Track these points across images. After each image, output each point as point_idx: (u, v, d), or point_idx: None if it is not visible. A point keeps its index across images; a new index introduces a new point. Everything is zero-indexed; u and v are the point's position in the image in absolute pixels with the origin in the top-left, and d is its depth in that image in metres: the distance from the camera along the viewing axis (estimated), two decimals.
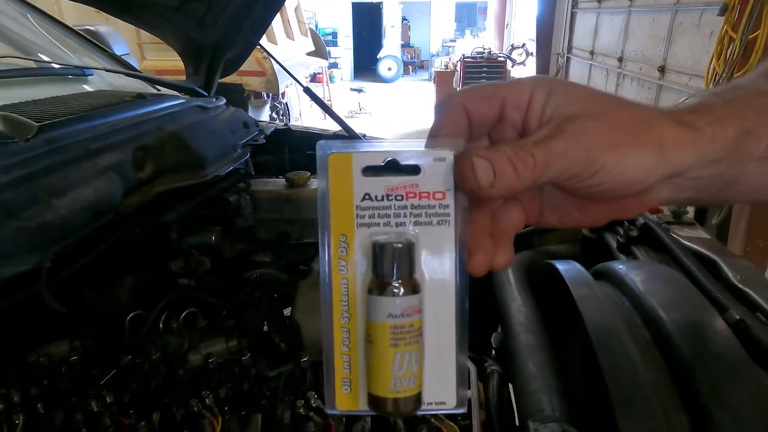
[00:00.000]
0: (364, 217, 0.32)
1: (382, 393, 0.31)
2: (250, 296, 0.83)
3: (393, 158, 0.32)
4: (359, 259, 0.32)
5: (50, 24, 1.44)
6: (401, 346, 0.31)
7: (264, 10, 1.37)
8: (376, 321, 0.31)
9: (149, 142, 0.79)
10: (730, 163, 0.35)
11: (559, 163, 0.32)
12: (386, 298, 0.31)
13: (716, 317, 0.56)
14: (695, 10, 4.18)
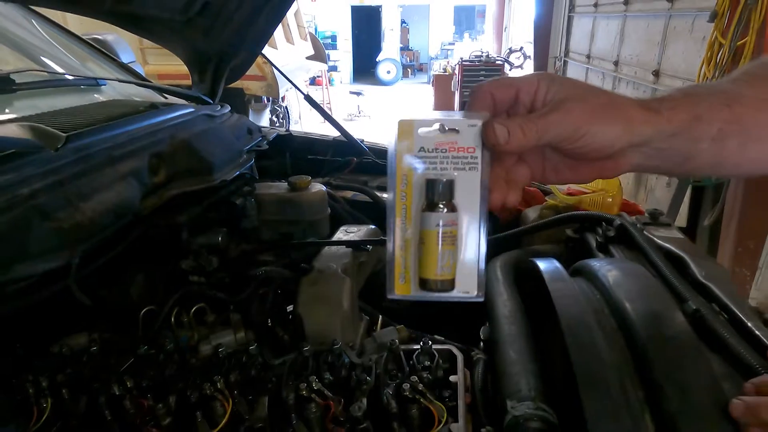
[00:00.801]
0: (420, 163, 0.48)
1: (431, 276, 0.48)
2: (256, 292, 0.89)
3: (441, 124, 0.48)
4: (415, 190, 0.48)
5: (61, 34, 1.51)
6: (444, 245, 0.47)
7: (266, 21, 1.44)
8: (428, 229, 0.47)
9: (163, 149, 0.86)
10: (686, 139, 0.48)
11: (554, 130, 0.46)
12: (435, 213, 0.47)
13: (674, 307, 0.62)
14: (688, 16, 4.26)
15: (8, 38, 1.33)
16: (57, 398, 0.72)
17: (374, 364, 0.71)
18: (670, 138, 0.48)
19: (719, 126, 0.47)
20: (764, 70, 0.52)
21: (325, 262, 0.89)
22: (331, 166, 1.51)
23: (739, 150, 0.49)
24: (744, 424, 0.47)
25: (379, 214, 1.23)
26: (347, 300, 0.83)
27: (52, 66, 1.33)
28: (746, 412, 0.48)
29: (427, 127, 0.49)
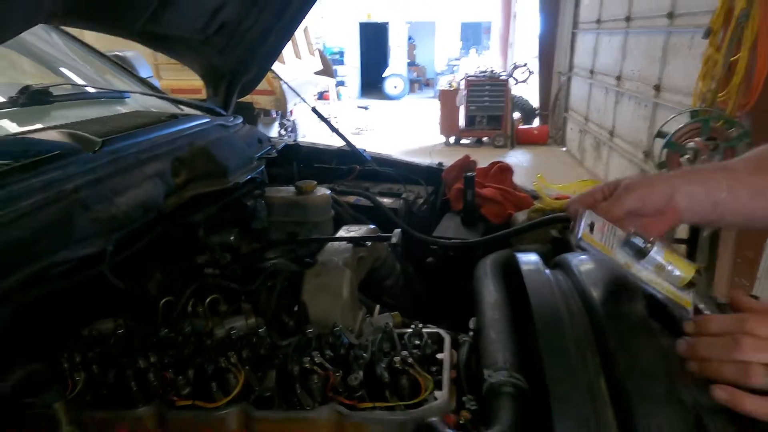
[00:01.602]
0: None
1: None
2: (265, 283, 0.98)
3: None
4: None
5: (84, 50, 1.63)
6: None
7: (276, 39, 1.56)
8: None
9: (183, 154, 0.96)
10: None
11: (624, 204, 0.68)
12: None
13: (633, 291, 0.71)
14: (687, 33, 4.37)
15: (33, 52, 1.45)
16: (88, 373, 0.81)
17: (370, 344, 0.80)
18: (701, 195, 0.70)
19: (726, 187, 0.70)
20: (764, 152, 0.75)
21: (327, 256, 0.98)
22: (335, 173, 1.61)
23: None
24: (686, 361, 0.56)
25: (379, 217, 1.33)
26: (347, 289, 0.92)
27: (78, 80, 1.44)
28: (687, 349, 0.56)
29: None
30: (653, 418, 0.53)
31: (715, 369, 0.54)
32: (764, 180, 0.71)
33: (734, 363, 0.53)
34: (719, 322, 0.57)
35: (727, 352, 0.54)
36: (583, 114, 7.54)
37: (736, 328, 0.54)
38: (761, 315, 0.55)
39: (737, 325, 0.55)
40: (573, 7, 8.00)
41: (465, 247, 1.25)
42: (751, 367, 0.52)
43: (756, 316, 0.55)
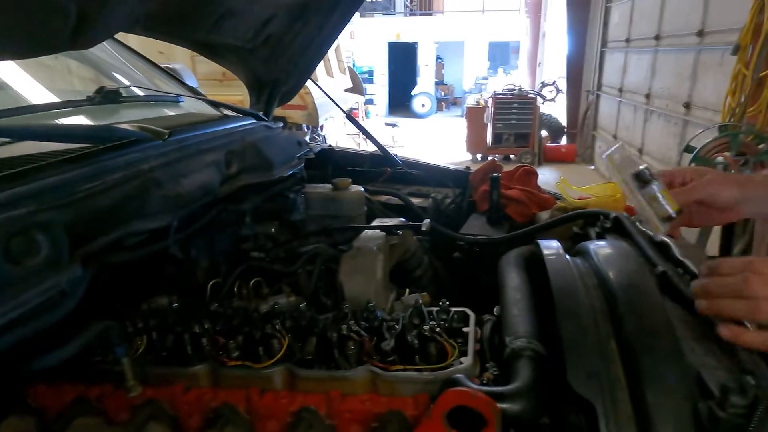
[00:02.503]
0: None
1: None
2: (305, 266, 1.08)
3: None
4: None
5: (140, 61, 1.78)
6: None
7: (315, 52, 1.68)
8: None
9: (235, 147, 1.07)
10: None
11: (696, 194, 0.83)
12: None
13: (644, 268, 0.77)
14: (718, 50, 4.37)
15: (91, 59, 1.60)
16: (149, 338, 0.91)
17: (401, 317, 0.88)
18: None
19: None
20: None
21: (362, 242, 1.07)
22: (368, 176, 1.71)
23: None
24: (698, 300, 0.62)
25: (409, 215, 1.41)
26: (380, 271, 1.00)
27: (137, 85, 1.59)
28: (700, 289, 0.62)
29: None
30: (657, 369, 0.59)
31: (726, 306, 0.59)
32: None
33: (744, 299, 0.58)
34: (729, 264, 0.63)
35: (737, 290, 0.58)
36: (612, 132, 7.52)
37: (744, 268, 0.60)
38: (765, 259, 0.60)
39: (745, 266, 0.60)
40: (602, 27, 8.03)
41: (490, 244, 1.32)
42: (760, 303, 0.57)
43: (762, 258, 0.60)
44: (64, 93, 1.46)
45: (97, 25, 0.70)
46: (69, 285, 0.68)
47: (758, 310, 0.56)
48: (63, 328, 0.75)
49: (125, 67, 1.69)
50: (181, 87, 1.75)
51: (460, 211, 1.56)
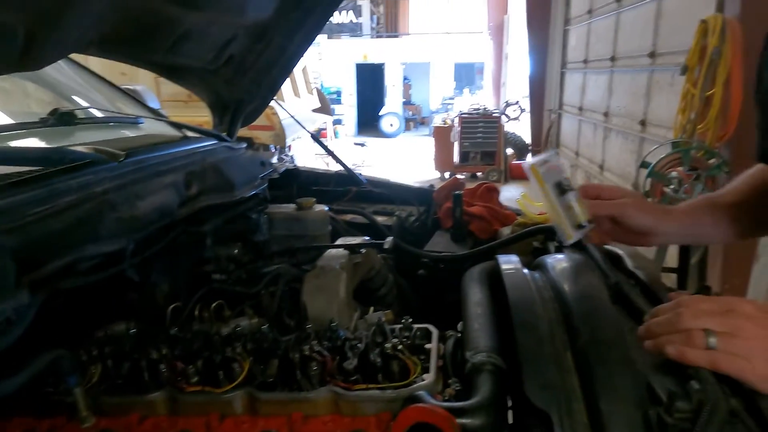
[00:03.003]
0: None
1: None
2: (268, 287, 1.07)
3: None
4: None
5: (99, 83, 1.76)
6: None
7: (279, 73, 1.69)
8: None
9: (195, 168, 1.06)
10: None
11: (607, 210, 0.88)
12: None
13: (597, 280, 0.80)
14: (668, 71, 4.58)
15: (49, 82, 1.57)
16: (104, 365, 0.88)
17: (364, 335, 0.88)
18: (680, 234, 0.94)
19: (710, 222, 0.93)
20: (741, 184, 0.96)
21: (325, 261, 1.06)
22: (333, 195, 1.71)
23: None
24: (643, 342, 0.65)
25: (373, 234, 1.42)
26: (343, 290, 1.00)
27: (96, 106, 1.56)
28: (645, 331, 0.65)
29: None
30: (610, 378, 0.61)
31: (665, 341, 0.63)
32: (738, 210, 0.93)
33: (679, 332, 0.62)
34: (665, 306, 0.68)
35: (672, 326, 0.63)
36: (574, 149, 7.74)
37: (676, 305, 0.65)
38: (694, 296, 0.66)
39: (677, 303, 0.65)
40: (561, 49, 8.34)
41: (454, 260, 1.34)
42: (692, 333, 0.61)
43: (690, 296, 0.66)
44: (20, 116, 1.43)
45: (46, 46, 0.69)
46: (15, 312, 0.65)
47: (691, 340, 0.60)
48: (10, 358, 0.72)
49: (84, 89, 1.66)
50: (141, 108, 1.73)
51: (425, 229, 1.58)
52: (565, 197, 0.88)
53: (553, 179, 0.89)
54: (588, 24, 7.03)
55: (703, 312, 0.62)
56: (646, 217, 0.88)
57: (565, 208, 0.87)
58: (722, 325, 0.60)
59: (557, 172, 0.90)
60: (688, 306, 0.63)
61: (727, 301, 0.63)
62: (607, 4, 6.19)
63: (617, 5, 5.86)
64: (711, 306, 0.63)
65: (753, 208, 0.93)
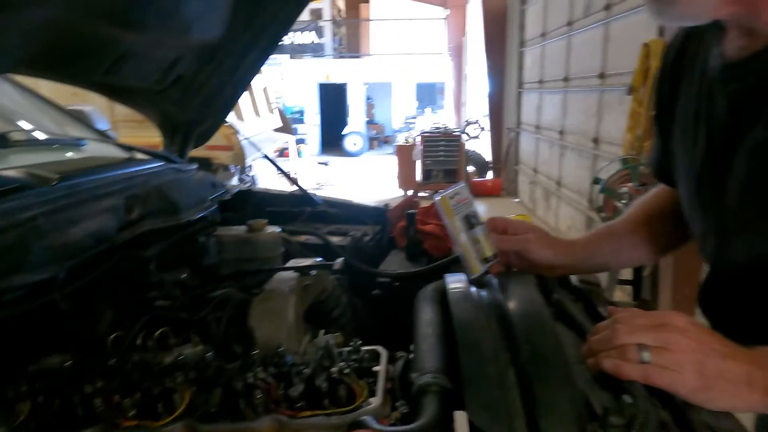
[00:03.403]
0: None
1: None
2: (214, 313, 1.03)
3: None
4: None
5: (41, 103, 1.69)
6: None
7: (231, 92, 1.67)
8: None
9: (137, 192, 1.02)
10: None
11: (511, 246, 0.94)
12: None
13: (539, 298, 0.81)
14: (617, 91, 4.79)
15: None
16: (34, 402, 0.83)
17: (311, 360, 0.86)
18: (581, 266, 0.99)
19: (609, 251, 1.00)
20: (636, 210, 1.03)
21: (274, 284, 1.04)
22: (287, 216, 1.69)
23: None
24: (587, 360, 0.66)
25: (328, 254, 1.40)
26: (292, 314, 0.98)
27: (36, 128, 1.50)
28: (585, 349, 0.66)
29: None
30: (549, 395, 0.61)
31: (603, 358, 0.64)
32: (635, 238, 1.00)
33: (615, 348, 0.63)
34: (603, 324, 0.69)
35: (609, 342, 0.65)
36: (533, 166, 7.96)
37: (613, 321, 0.66)
38: (629, 311, 0.67)
39: (614, 320, 0.67)
40: (517, 70, 8.61)
41: (408, 279, 1.33)
42: (627, 348, 0.62)
43: (625, 311, 0.68)
44: None
45: None
46: None
47: (626, 355, 0.62)
48: None
49: (25, 110, 1.59)
50: (87, 130, 1.67)
51: (380, 248, 1.57)
52: (473, 231, 0.91)
53: (462, 212, 0.92)
54: (542, 46, 7.30)
55: (637, 327, 0.63)
56: (547, 252, 0.93)
57: (472, 242, 0.90)
58: (655, 340, 0.62)
59: (467, 205, 0.93)
60: (623, 322, 0.65)
61: (661, 316, 0.65)
62: (559, 27, 6.46)
63: (568, 29, 6.11)
64: (645, 321, 0.64)
65: (648, 233, 0.99)
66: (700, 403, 0.59)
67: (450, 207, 0.90)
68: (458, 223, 0.91)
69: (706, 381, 0.59)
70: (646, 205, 1.03)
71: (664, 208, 0.97)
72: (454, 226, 0.90)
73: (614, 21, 4.80)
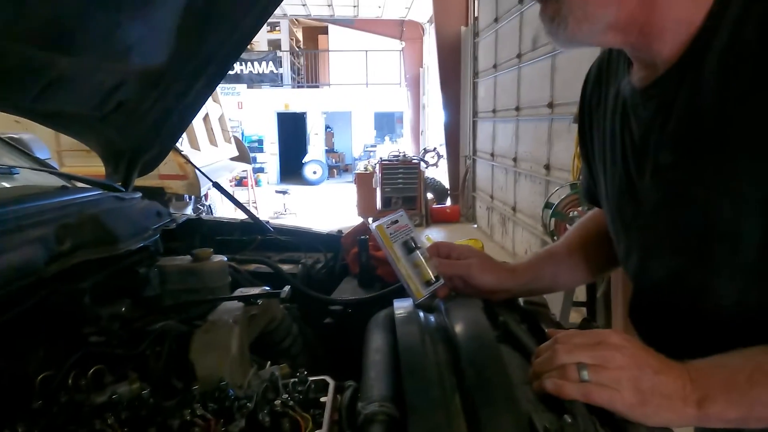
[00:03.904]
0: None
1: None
2: (153, 347, 0.98)
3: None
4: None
5: None
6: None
7: (179, 119, 1.63)
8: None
9: (70, 221, 0.97)
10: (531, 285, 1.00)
11: (454, 270, 0.95)
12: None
13: (485, 321, 0.81)
14: (565, 119, 5.01)
15: None
16: None
17: (254, 393, 0.82)
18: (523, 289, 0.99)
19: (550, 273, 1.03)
20: (575, 231, 1.07)
21: (218, 315, 1.00)
22: (238, 245, 1.64)
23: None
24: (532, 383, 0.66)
25: (279, 284, 1.37)
26: (236, 345, 0.94)
27: None
28: (531, 372, 0.66)
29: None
30: (494, 419, 0.60)
31: (546, 378, 0.65)
32: (574, 258, 1.03)
33: (556, 369, 0.64)
34: (545, 345, 0.70)
35: (550, 363, 0.65)
36: (489, 193, 8.14)
37: (553, 342, 0.67)
38: (569, 331, 0.68)
39: (554, 341, 0.67)
40: (472, 99, 8.88)
41: (360, 305, 1.31)
42: (567, 367, 0.62)
43: (566, 332, 0.69)
44: None
45: None
46: None
47: (566, 375, 0.62)
48: None
49: None
50: (23, 158, 1.59)
51: (333, 275, 1.55)
52: (413, 255, 0.91)
53: (400, 239, 0.92)
54: (494, 77, 7.57)
55: (576, 346, 0.64)
56: (489, 276, 0.94)
57: (413, 266, 0.91)
58: (593, 358, 0.62)
59: (405, 232, 0.93)
60: (563, 342, 0.65)
61: (598, 334, 0.66)
62: (509, 59, 6.73)
63: (518, 60, 6.37)
64: (583, 340, 0.65)
65: (585, 254, 1.03)
66: (638, 419, 0.60)
67: (387, 235, 0.91)
68: (397, 250, 0.91)
69: (642, 396, 0.60)
70: (583, 228, 1.06)
71: (599, 229, 1.00)
72: (393, 253, 0.91)
73: (560, 54, 5.04)
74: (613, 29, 0.68)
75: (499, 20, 7.25)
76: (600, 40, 0.72)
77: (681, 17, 0.66)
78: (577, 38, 0.70)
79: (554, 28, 0.69)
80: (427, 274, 0.91)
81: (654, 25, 0.67)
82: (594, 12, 0.67)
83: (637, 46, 0.71)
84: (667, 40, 0.68)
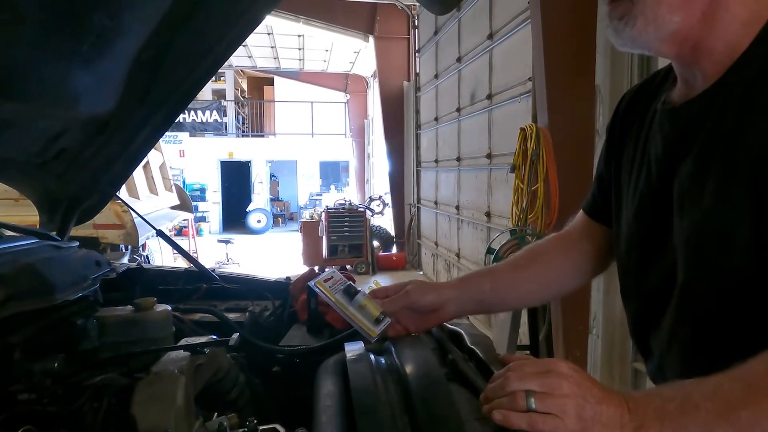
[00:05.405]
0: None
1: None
2: (91, 402, 0.93)
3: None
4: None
5: None
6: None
7: (123, 167, 1.60)
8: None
9: (3, 270, 0.93)
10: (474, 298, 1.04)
11: (399, 303, 0.99)
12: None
13: (434, 360, 0.83)
14: (503, 169, 5.27)
15: None
16: None
17: None
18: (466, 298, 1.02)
19: (489, 287, 1.04)
20: (522, 252, 1.10)
21: (162, 365, 0.97)
22: (182, 294, 1.60)
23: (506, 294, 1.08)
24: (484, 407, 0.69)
25: (225, 333, 1.33)
26: (181, 396, 0.91)
27: None
28: (482, 397, 0.69)
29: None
30: None
31: (497, 405, 0.67)
32: (518, 275, 1.06)
33: (506, 395, 0.67)
34: (498, 373, 0.73)
35: (501, 390, 0.68)
36: (434, 240, 8.31)
37: (506, 370, 0.70)
38: (520, 359, 0.72)
39: (507, 369, 0.71)
40: (415, 150, 9.19)
41: (309, 353, 1.30)
42: (517, 395, 0.65)
43: (517, 360, 0.72)
44: None
45: None
46: None
47: (515, 402, 0.65)
48: None
49: None
50: None
51: (281, 322, 1.53)
52: (357, 299, 0.97)
53: (340, 288, 0.99)
54: (435, 129, 7.91)
55: (526, 374, 0.67)
56: (429, 294, 0.99)
57: (359, 309, 0.96)
58: (541, 385, 0.65)
59: (342, 283, 1.01)
60: (515, 370, 0.69)
61: (547, 363, 0.69)
62: (450, 113, 7.08)
63: (457, 114, 6.71)
64: (533, 368, 0.68)
65: (533, 274, 1.07)
66: None
67: (327, 287, 0.98)
68: (340, 298, 0.97)
69: (584, 424, 0.63)
70: (533, 251, 1.11)
71: (552, 254, 1.06)
72: (337, 301, 0.96)
73: (496, 108, 5.37)
74: (672, 39, 0.73)
75: (439, 76, 7.66)
76: (657, 48, 0.76)
77: (731, 40, 0.70)
78: (640, 40, 0.73)
79: (621, 26, 0.73)
80: (374, 311, 0.96)
81: (707, 42, 0.71)
82: (664, 16, 0.70)
83: (687, 61, 0.74)
84: (714, 60, 0.72)
